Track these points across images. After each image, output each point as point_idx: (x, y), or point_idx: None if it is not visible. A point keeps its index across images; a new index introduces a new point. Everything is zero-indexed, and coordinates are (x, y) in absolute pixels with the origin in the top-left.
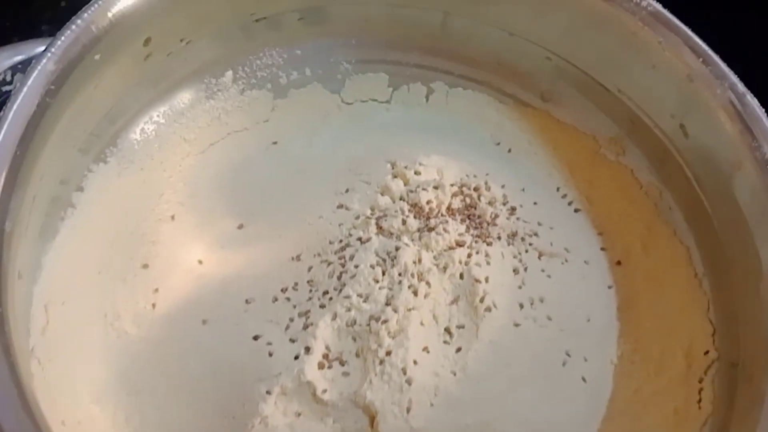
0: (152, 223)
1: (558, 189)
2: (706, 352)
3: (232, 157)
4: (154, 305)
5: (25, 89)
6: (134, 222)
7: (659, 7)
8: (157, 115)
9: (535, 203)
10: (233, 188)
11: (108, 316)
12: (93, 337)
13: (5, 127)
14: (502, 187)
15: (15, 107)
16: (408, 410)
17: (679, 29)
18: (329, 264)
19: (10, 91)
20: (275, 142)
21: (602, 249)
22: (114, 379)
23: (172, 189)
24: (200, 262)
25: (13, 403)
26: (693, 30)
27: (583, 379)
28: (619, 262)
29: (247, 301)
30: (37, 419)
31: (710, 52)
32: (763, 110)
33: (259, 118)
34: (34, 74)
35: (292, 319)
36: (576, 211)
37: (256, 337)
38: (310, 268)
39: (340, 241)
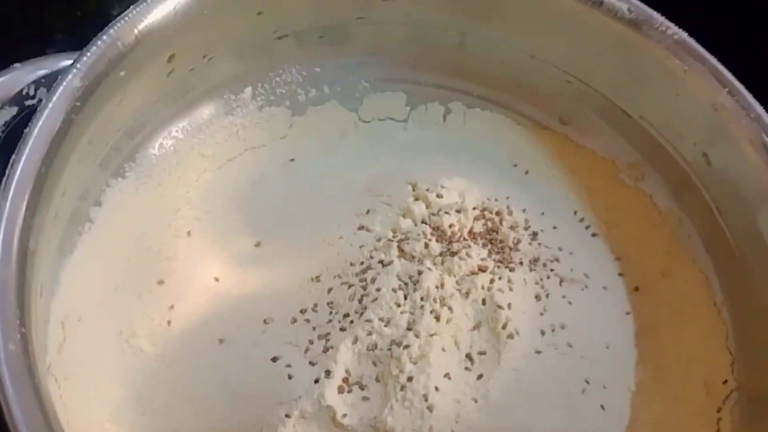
0: (169, 239)
1: (575, 213)
2: (725, 382)
3: (250, 174)
4: (169, 322)
5: (50, 106)
6: (151, 237)
7: (685, 35)
8: (176, 131)
9: (554, 227)
10: (250, 205)
11: (123, 332)
12: (109, 355)
13: (30, 144)
14: (523, 211)
15: (40, 124)
16: None
17: (705, 59)
18: (350, 286)
19: (33, 105)
20: (292, 159)
21: (620, 275)
22: (129, 398)
23: (189, 205)
24: (217, 279)
25: (38, 428)
26: (720, 60)
27: (602, 407)
28: (636, 288)
29: (265, 321)
30: None
31: (736, 82)
32: None
33: (277, 134)
34: (60, 90)
35: (311, 342)
36: (594, 235)
37: (274, 359)
38: (330, 290)
39: (362, 263)
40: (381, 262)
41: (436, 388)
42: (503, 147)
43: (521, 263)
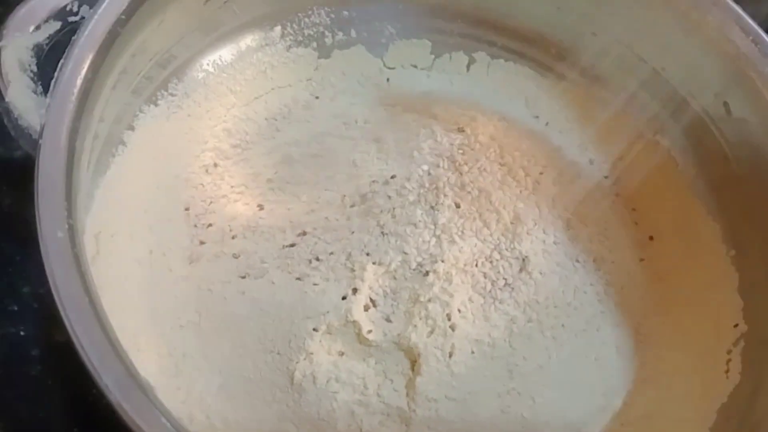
0: (196, 169)
1: (592, 163)
2: (736, 325)
3: (275, 112)
4: (197, 248)
5: (97, 15)
6: (180, 166)
7: None
8: (207, 64)
9: (572, 177)
10: (276, 140)
11: (154, 252)
12: (139, 271)
13: (78, 48)
14: (543, 153)
15: (87, 32)
16: (450, 355)
17: (729, 7)
18: (375, 213)
19: (76, 21)
20: (317, 97)
21: (635, 224)
22: (158, 313)
23: (216, 138)
24: (242, 209)
25: (84, 311)
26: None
27: (615, 347)
28: (651, 238)
29: (292, 245)
30: (107, 327)
31: (760, 30)
32: None
33: (303, 75)
34: (107, 1)
35: (338, 263)
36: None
37: (301, 279)
38: (355, 216)
39: (386, 190)
40: (404, 189)
41: (459, 310)
42: (525, 99)
43: (545, 200)
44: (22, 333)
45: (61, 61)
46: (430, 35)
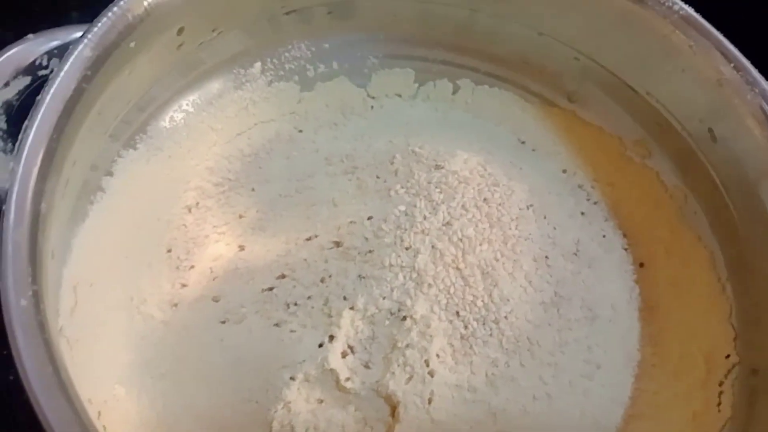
0: (178, 210)
1: (581, 188)
2: (727, 356)
3: (258, 148)
4: (178, 291)
5: (62, 74)
6: (161, 208)
7: (691, 11)
8: (186, 104)
9: (560, 203)
10: (258, 178)
11: (134, 299)
12: (119, 320)
13: (42, 110)
14: (526, 188)
15: (52, 91)
16: (430, 401)
17: (711, 34)
18: (352, 256)
19: (46, 75)
20: (301, 131)
21: (625, 250)
22: (139, 362)
23: (198, 177)
24: (223, 250)
25: (48, 380)
26: (724, 35)
27: (604, 382)
28: (641, 264)
29: (270, 289)
30: (71, 397)
31: (741, 57)
32: None
33: (286, 110)
34: (71, 59)
35: (315, 308)
36: (600, 212)
37: (279, 325)
38: (332, 259)
39: (363, 231)
40: (381, 231)
41: (438, 355)
42: (510, 124)
43: (523, 239)
44: (11, 378)
45: (25, 123)
46: (413, 63)
